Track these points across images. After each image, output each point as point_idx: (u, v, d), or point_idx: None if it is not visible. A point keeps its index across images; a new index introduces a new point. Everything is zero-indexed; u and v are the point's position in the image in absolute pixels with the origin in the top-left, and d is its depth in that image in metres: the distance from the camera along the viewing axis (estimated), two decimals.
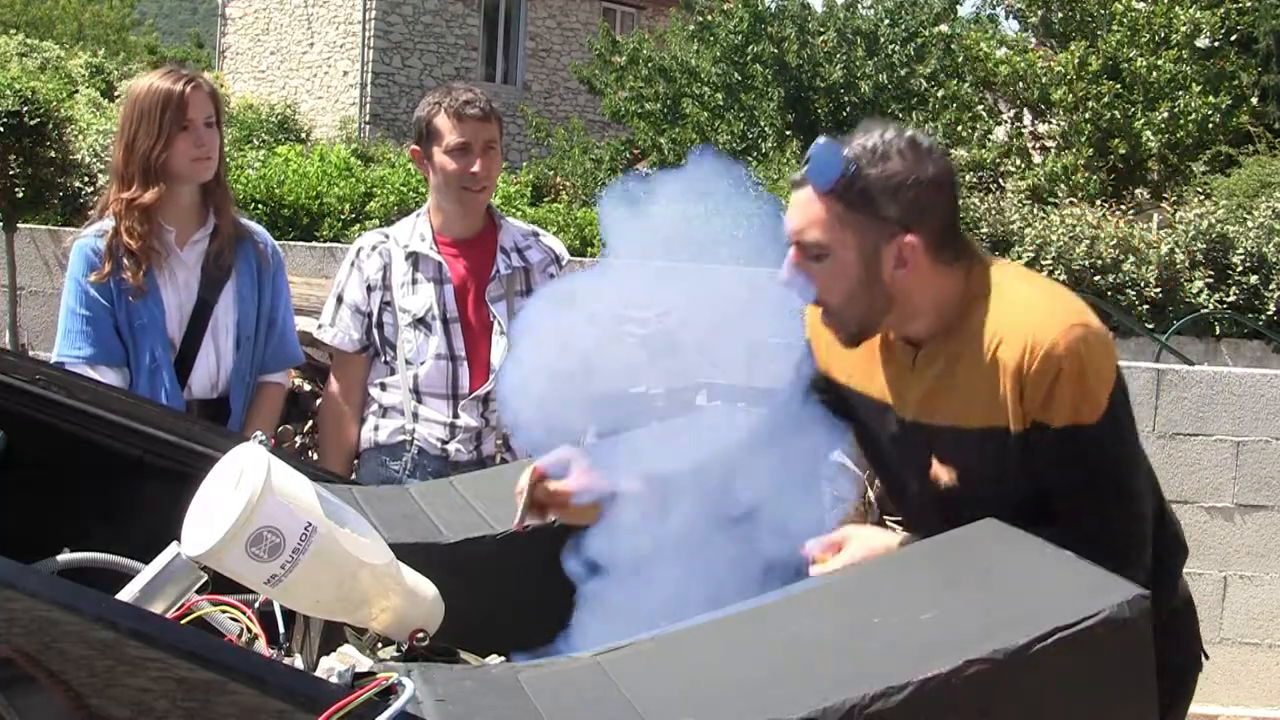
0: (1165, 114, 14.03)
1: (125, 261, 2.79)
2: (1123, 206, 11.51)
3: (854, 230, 1.75)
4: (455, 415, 2.94)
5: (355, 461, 3.06)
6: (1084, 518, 1.72)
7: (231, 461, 1.54)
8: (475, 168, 2.91)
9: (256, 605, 1.66)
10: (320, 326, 3.05)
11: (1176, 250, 9.98)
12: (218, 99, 2.92)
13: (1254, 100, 16.84)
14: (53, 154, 6.36)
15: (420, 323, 2.94)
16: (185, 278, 2.86)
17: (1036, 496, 1.74)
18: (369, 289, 2.98)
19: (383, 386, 3.00)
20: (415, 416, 2.95)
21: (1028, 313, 1.73)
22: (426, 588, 1.64)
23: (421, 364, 2.93)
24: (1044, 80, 14.52)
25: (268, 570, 1.44)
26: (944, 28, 15.83)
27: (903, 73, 15.26)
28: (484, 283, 2.98)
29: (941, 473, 1.82)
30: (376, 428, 3.00)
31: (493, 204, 3.15)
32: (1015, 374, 1.72)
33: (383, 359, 3.00)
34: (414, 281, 2.96)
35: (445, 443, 2.94)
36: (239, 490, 1.46)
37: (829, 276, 1.78)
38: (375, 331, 2.98)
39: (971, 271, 1.80)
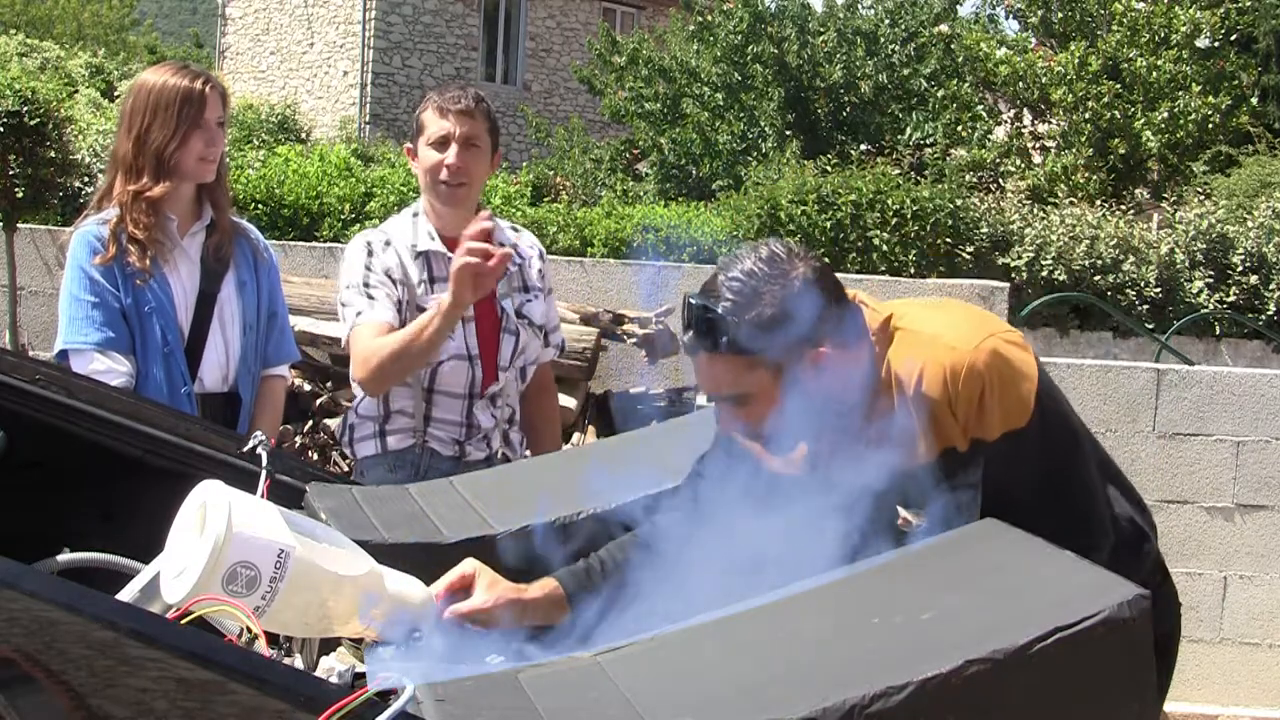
0: (1165, 114, 14.02)
1: (130, 248, 2.77)
2: (1123, 206, 11.52)
3: (761, 368, 1.76)
4: (469, 414, 2.91)
5: (360, 472, 3.02)
6: (1044, 517, 1.72)
7: (195, 501, 1.54)
8: (449, 159, 2.85)
9: None
10: (360, 314, 2.84)
11: (1176, 250, 9.99)
12: (227, 100, 2.92)
13: (1254, 100, 16.84)
14: (53, 154, 6.35)
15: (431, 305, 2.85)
16: (187, 269, 2.86)
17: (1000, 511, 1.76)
18: (392, 279, 2.88)
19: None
20: (427, 420, 2.91)
21: (936, 342, 1.78)
22: (413, 589, 1.64)
23: (440, 363, 2.88)
24: (1044, 80, 14.52)
25: (250, 604, 1.44)
26: (944, 28, 15.83)
27: (903, 73, 15.27)
28: None
29: (910, 516, 1.86)
30: (383, 434, 2.93)
31: (481, 202, 3.12)
32: (944, 403, 1.76)
33: None
34: (431, 280, 2.90)
35: (460, 443, 2.91)
36: (205, 534, 1.46)
37: (760, 414, 1.81)
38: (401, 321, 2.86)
39: (875, 330, 1.84)
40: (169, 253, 2.83)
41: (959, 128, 14.58)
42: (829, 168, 10.88)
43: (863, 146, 14.48)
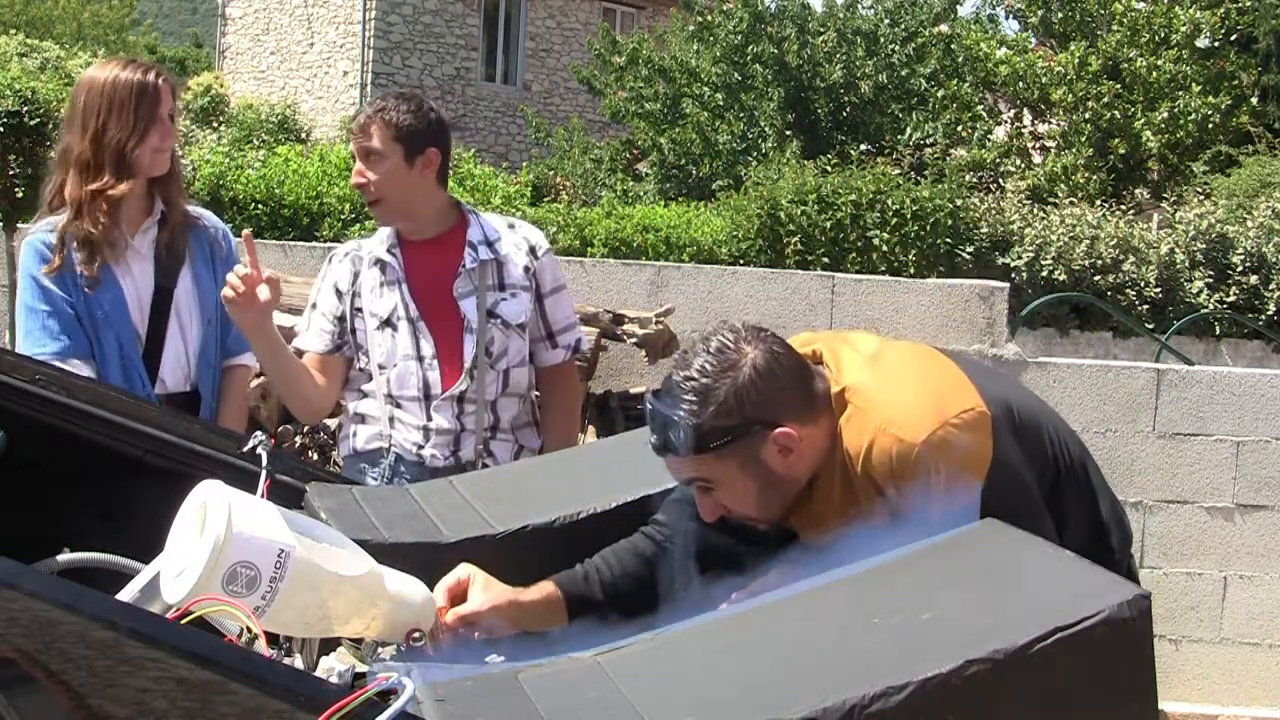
0: (1165, 114, 14.03)
1: (76, 255, 2.76)
2: (1123, 206, 11.52)
3: (728, 458, 1.79)
4: (429, 418, 2.90)
5: (339, 467, 3.04)
6: None
7: (195, 501, 1.54)
8: (354, 178, 2.95)
9: None
10: (297, 339, 3.02)
11: (1176, 250, 9.99)
12: (177, 93, 2.93)
13: (1254, 100, 16.85)
14: (53, 154, 6.35)
15: (387, 324, 2.91)
16: (140, 267, 2.84)
17: None
18: (339, 293, 2.97)
19: (361, 393, 2.99)
20: (392, 422, 2.92)
21: (888, 426, 1.77)
22: (413, 589, 1.64)
23: (393, 366, 2.91)
24: (1044, 80, 14.53)
25: (250, 604, 1.43)
26: (944, 28, 15.83)
27: (903, 73, 15.26)
28: (450, 280, 2.94)
29: None
30: (355, 434, 2.99)
31: (463, 201, 3.14)
32: (888, 483, 1.77)
33: (358, 365, 2.98)
34: (381, 285, 2.94)
35: (420, 447, 2.90)
36: (205, 534, 1.46)
37: (733, 499, 1.83)
38: (350, 336, 2.96)
39: (835, 401, 1.84)
40: (119, 254, 2.82)
41: (959, 128, 14.58)
42: (829, 168, 10.87)
43: (863, 146, 14.45)
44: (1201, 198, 12.06)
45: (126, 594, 1.56)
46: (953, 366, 1.91)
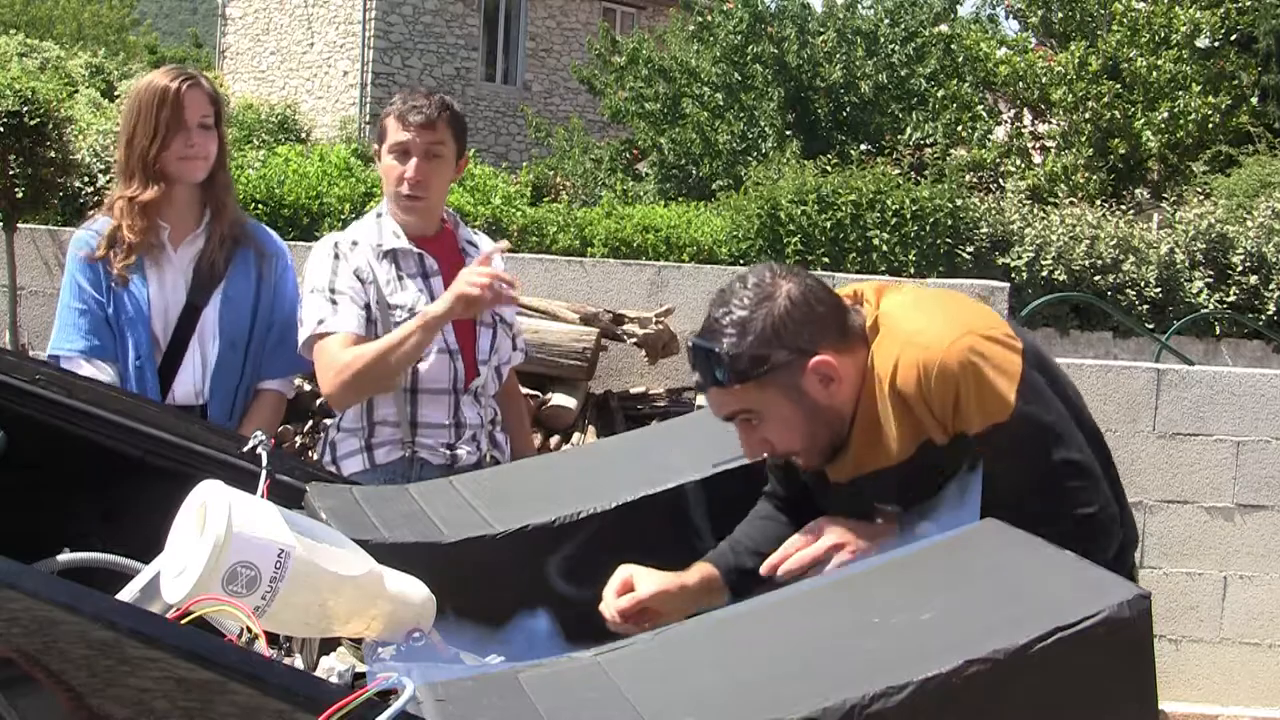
0: (1165, 114, 14.05)
1: (114, 253, 2.79)
2: (1123, 206, 11.52)
3: (770, 387, 1.83)
4: (458, 412, 2.88)
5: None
6: (1037, 508, 1.75)
7: (195, 501, 1.54)
8: (409, 172, 2.83)
9: None
10: (321, 321, 2.80)
11: (1176, 250, 10.00)
12: (218, 100, 2.88)
13: (1254, 100, 16.87)
14: (53, 154, 6.34)
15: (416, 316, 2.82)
16: (174, 279, 2.83)
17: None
18: (361, 280, 2.84)
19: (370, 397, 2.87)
20: (414, 426, 2.85)
21: (914, 339, 1.81)
22: (414, 589, 1.64)
23: (422, 359, 2.83)
24: (1044, 80, 14.55)
25: (250, 604, 1.44)
26: (944, 28, 15.83)
27: (903, 73, 15.26)
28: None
29: (885, 516, 1.90)
30: (369, 448, 2.87)
31: (462, 202, 3.11)
32: (919, 399, 1.80)
33: None
34: (399, 278, 2.87)
35: (451, 447, 2.86)
36: (204, 534, 1.46)
37: (776, 431, 1.87)
38: (372, 326, 2.83)
39: (868, 327, 1.88)
40: (157, 259, 2.81)
41: (959, 128, 14.59)
42: (829, 168, 10.88)
43: (863, 146, 14.46)
44: (1201, 198, 12.07)
45: (126, 594, 1.56)
46: (990, 310, 1.95)
